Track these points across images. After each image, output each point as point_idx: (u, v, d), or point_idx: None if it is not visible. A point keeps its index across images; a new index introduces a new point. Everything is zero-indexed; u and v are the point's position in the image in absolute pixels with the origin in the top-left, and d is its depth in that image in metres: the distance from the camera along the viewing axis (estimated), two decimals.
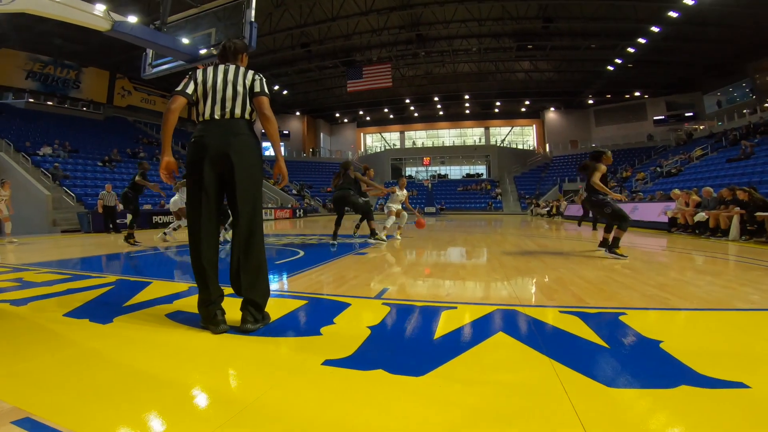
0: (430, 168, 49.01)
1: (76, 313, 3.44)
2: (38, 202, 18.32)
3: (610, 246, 6.80)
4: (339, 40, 34.91)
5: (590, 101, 46.04)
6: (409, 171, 50.70)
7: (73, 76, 32.86)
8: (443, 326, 2.96)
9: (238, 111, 3.09)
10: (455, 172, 50.36)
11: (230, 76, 3.12)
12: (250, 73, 3.19)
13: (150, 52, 7.91)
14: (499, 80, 43.50)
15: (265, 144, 51.29)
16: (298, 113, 51.85)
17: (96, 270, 6.05)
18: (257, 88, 3.14)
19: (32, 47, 29.60)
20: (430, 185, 40.26)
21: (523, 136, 51.87)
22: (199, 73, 3.14)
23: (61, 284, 4.78)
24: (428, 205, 38.57)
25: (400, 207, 10.81)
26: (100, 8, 6.09)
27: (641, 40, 30.78)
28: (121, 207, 16.62)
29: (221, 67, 3.17)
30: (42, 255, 8.37)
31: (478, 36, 34.61)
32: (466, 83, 44.44)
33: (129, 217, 11.20)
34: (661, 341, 2.58)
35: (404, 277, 5.13)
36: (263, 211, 29.67)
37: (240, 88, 3.10)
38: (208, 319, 2.96)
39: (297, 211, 33.73)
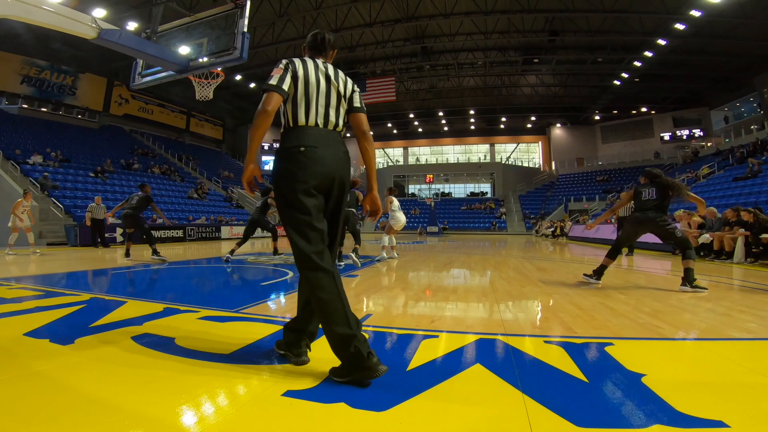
0: (433, 186, 48.93)
1: (38, 333, 3.38)
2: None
3: (688, 280, 5.77)
4: (342, 52, 35.19)
5: (597, 117, 46.19)
6: (412, 189, 50.65)
7: (69, 82, 32.97)
8: (419, 357, 2.89)
9: (340, 122, 2.75)
10: (459, 190, 50.49)
11: (331, 77, 2.75)
12: (349, 81, 2.86)
13: (140, 61, 7.92)
14: (504, 95, 43.84)
15: (265, 158, 51.22)
16: None
17: (72, 287, 5.98)
18: (357, 102, 2.82)
19: (29, 51, 29.78)
20: (433, 204, 40.10)
21: (529, 154, 51.98)
22: (298, 66, 2.67)
23: (31, 301, 4.73)
24: (431, 225, 38.50)
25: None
26: (86, 15, 6.09)
27: (648, 53, 30.95)
28: (110, 220, 16.62)
29: (319, 64, 2.76)
30: (20, 269, 8.32)
31: (484, 49, 34.98)
32: (471, 98, 44.77)
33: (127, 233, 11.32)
34: (644, 374, 2.52)
35: (390, 302, 5.04)
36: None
37: (341, 96, 2.76)
38: (295, 345, 2.73)
39: None
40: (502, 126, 49.76)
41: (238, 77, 36.36)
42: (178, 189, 29.94)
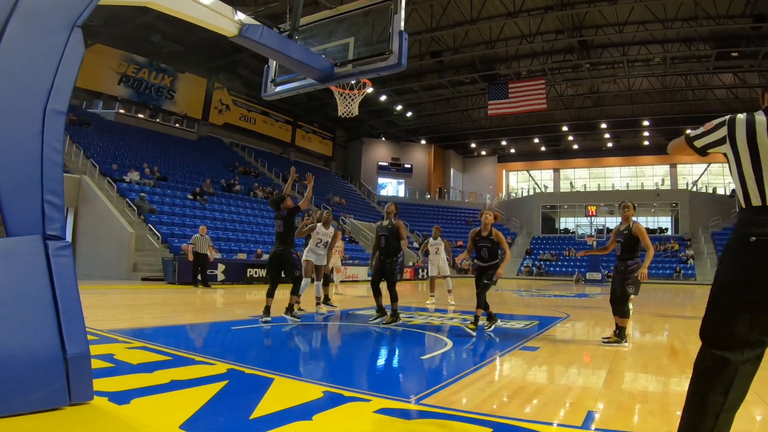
0: (595, 219, 46.20)
1: (195, 426, 3.28)
2: (120, 241, 19.67)
3: None
4: (478, 48, 35.02)
5: None
6: (565, 223, 48.94)
7: (168, 84, 35.35)
8: None
9: None
10: None
11: None
12: None
13: (273, 65, 7.93)
14: (691, 100, 41.39)
15: (382, 180, 51.96)
16: (423, 141, 52.77)
17: (198, 349, 6.22)
18: None
19: (128, 45, 32.22)
20: (594, 243, 38.06)
21: (725, 177, 48.61)
22: (737, 125, 2.45)
23: (162, 371, 4.77)
24: (591, 270, 36.72)
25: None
26: (227, 6, 6.15)
27: None
28: (213, 256, 17.16)
29: None
30: (128, 316, 8.75)
31: (663, 42, 33.21)
32: (644, 104, 42.84)
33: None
34: None
35: (608, 390, 4.66)
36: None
37: None
38: None
39: (419, 270, 32.93)
40: None
41: (354, 81, 37.24)
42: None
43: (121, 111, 33.79)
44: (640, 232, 7.02)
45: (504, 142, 51.99)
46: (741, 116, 2.41)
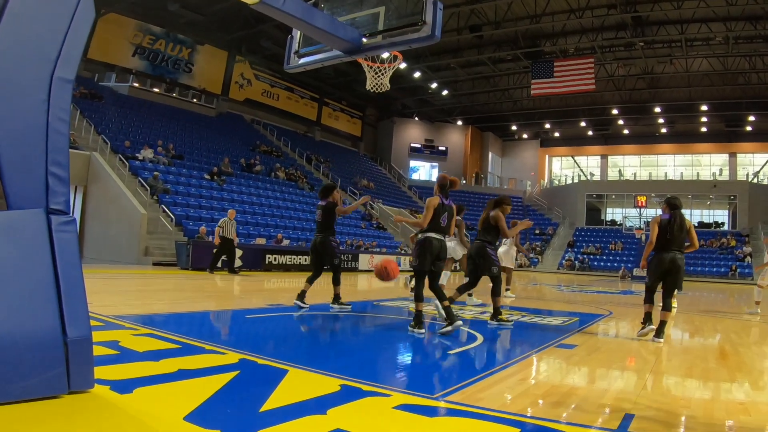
0: (644, 211, 45.34)
1: (201, 417, 3.26)
2: (131, 223, 19.88)
3: None
4: (522, 23, 34.86)
5: None
6: (612, 214, 48.25)
7: (185, 56, 35.61)
8: None
9: None
10: None
11: None
12: None
13: (297, 35, 7.92)
14: (754, 83, 40.67)
15: (414, 164, 51.74)
16: (460, 122, 52.59)
17: (209, 338, 6.16)
18: None
19: (144, 14, 32.58)
20: (643, 237, 37.66)
21: None
22: None
23: (170, 359, 4.79)
24: (639, 266, 35.95)
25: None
26: None
27: None
28: (237, 241, 17.14)
29: None
30: (137, 302, 8.84)
31: (726, 20, 32.56)
32: (703, 88, 42.22)
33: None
34: None
35: (648, 394, 4.61)
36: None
37: None
38: None
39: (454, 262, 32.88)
40: (748, 128, 46.17)
41: (385, 55, 37.06)
42: (306, 200, 31.03)
43: (136, 84, 34.15)
44: (650, 224, 7.37)
45: (547, 125, 51.74)
46: None
